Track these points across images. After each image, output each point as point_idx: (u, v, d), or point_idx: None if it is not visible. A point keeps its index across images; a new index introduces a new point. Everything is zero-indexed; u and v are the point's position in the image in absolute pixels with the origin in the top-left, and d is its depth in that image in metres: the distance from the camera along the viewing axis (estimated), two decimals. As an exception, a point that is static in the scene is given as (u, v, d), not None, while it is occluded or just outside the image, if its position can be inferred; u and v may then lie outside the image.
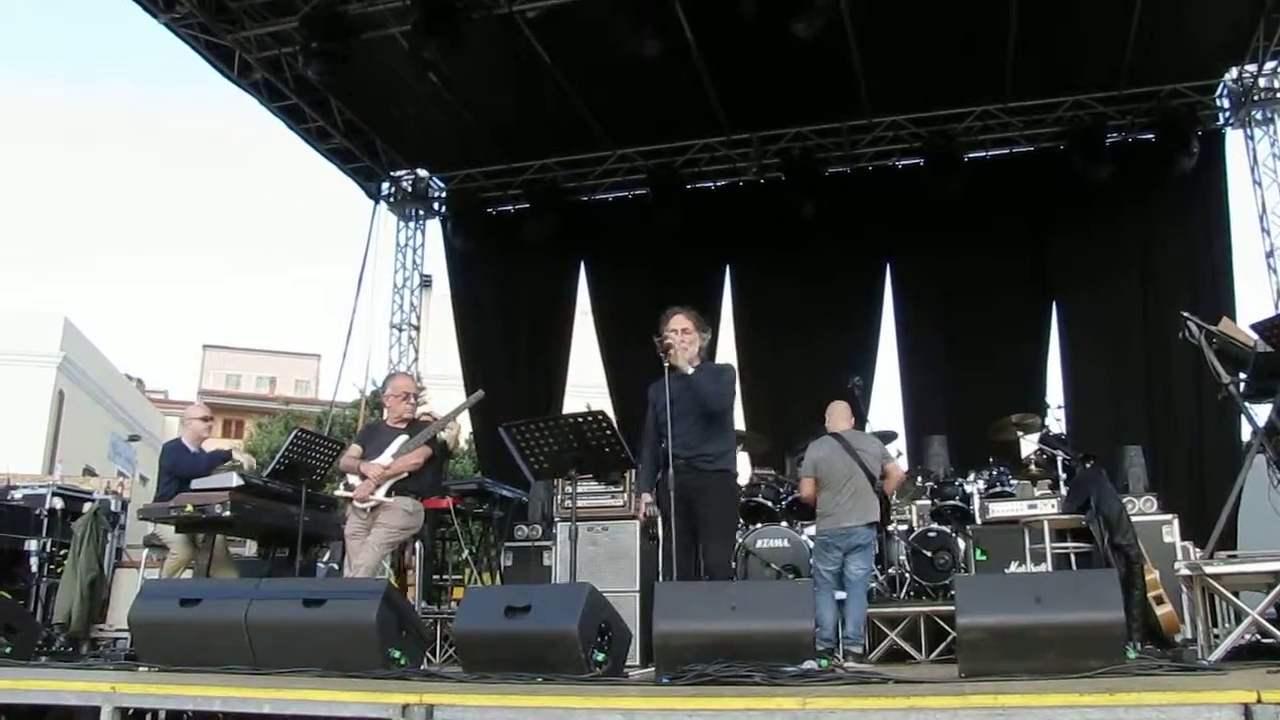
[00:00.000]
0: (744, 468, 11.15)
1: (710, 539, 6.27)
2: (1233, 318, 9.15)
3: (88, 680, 4.83)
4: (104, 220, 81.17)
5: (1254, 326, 6.45)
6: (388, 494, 7.18)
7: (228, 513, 7.23)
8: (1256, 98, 11.31)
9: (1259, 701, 3.32)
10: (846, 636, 7.22)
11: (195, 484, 7.59)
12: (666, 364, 6.31)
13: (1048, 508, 8.57)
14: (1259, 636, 5.72)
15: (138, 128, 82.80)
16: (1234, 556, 6.43)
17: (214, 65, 10.99)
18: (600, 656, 4.96)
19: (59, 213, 79.45)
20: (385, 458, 7.27)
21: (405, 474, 7.25)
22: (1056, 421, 10.07)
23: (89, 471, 14.73)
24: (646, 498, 6.55)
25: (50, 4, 76.21)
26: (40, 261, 75.90)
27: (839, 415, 7.91)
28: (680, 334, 6.46)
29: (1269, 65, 11.07)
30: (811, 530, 9.21)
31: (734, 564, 8.79)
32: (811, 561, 7.85)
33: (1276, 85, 11.29)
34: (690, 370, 6.39)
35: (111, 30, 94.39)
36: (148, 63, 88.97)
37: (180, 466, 8.16)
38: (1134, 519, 7.79)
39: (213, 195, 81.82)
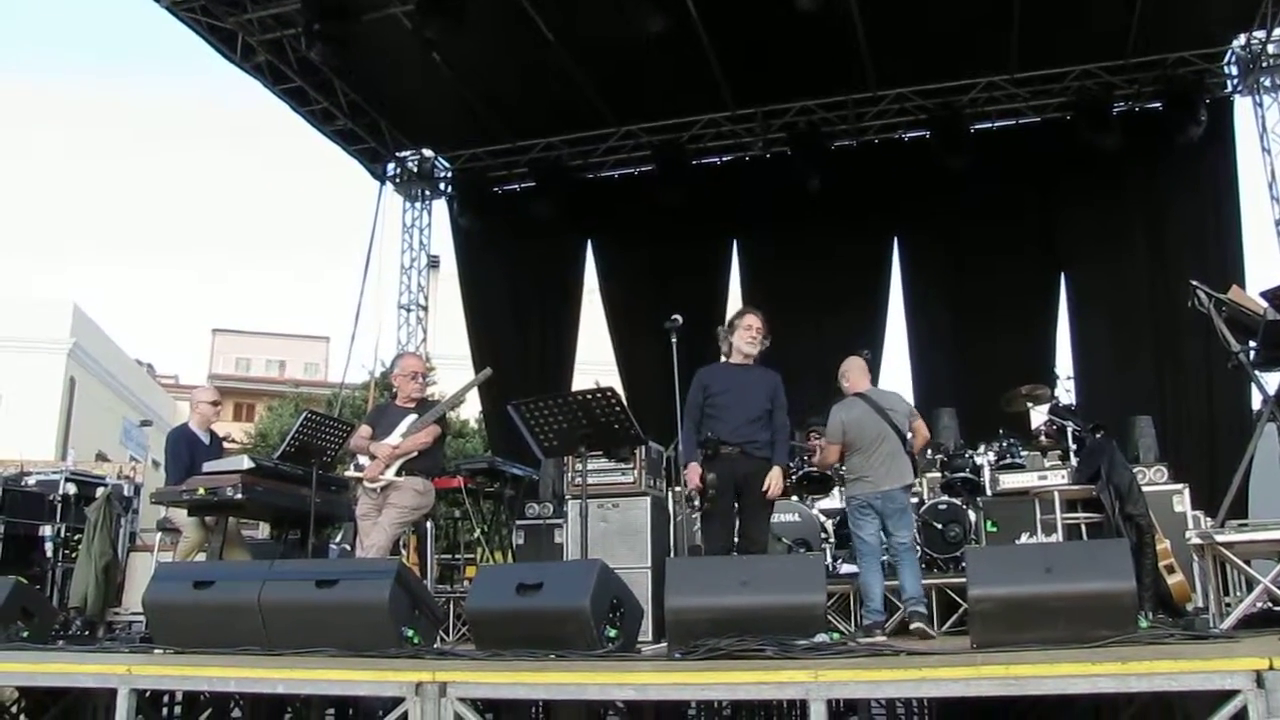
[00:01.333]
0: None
1: (753, 518, 6.77)
2: (1242, 285, 9.09)
3: (103, 663, 4.85)
4: (112, 206, 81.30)
5: (1264, 294, 6.40)
6: (398, 474, 7.19)
7: (239, 495, 7.23)
8: (1265, 64, 11.23)
9: (1270, 669, 3.32)
10: (910, 598, 6.90)
11: (206, 467, 7.60)
12: (724, 354, 7.07)
13: (1058, 479, 8.55)
14: (1270, 604, 5.72)
15: (145, 113, 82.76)
16: (1245, 525, 6.41)
17: (217, 48, 10.97)
18: (612, 633, 4.98)
19: (67, 199, 79.59)
20: (394, 437, 7.27)
21: (415, 453, 7.26)
22: (1066, 392, 10.09)
23: (101, 457, 14.84)
24: (695, 468, 6.74)
25: (52, -10, 76.06)
26: (49, 249, 76.09)
27: (858, 373, 7.53)
28: (753, 331, 6.99)
29: (1277, 31, 10.97)
30: (823, 504, 9.23)
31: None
32: (850, 530, 7.39)
33: (1285, 52, 11.21)
34: (749, 364, 6.99)
35: (115, 17, 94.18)
36: (152, 48, 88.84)
37: (180, 460, 8.16)
38: (1144, 489, 7.78)
39: (218, 179, 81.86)
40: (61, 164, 79.52)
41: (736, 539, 6.82)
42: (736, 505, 6.76)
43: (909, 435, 7.22)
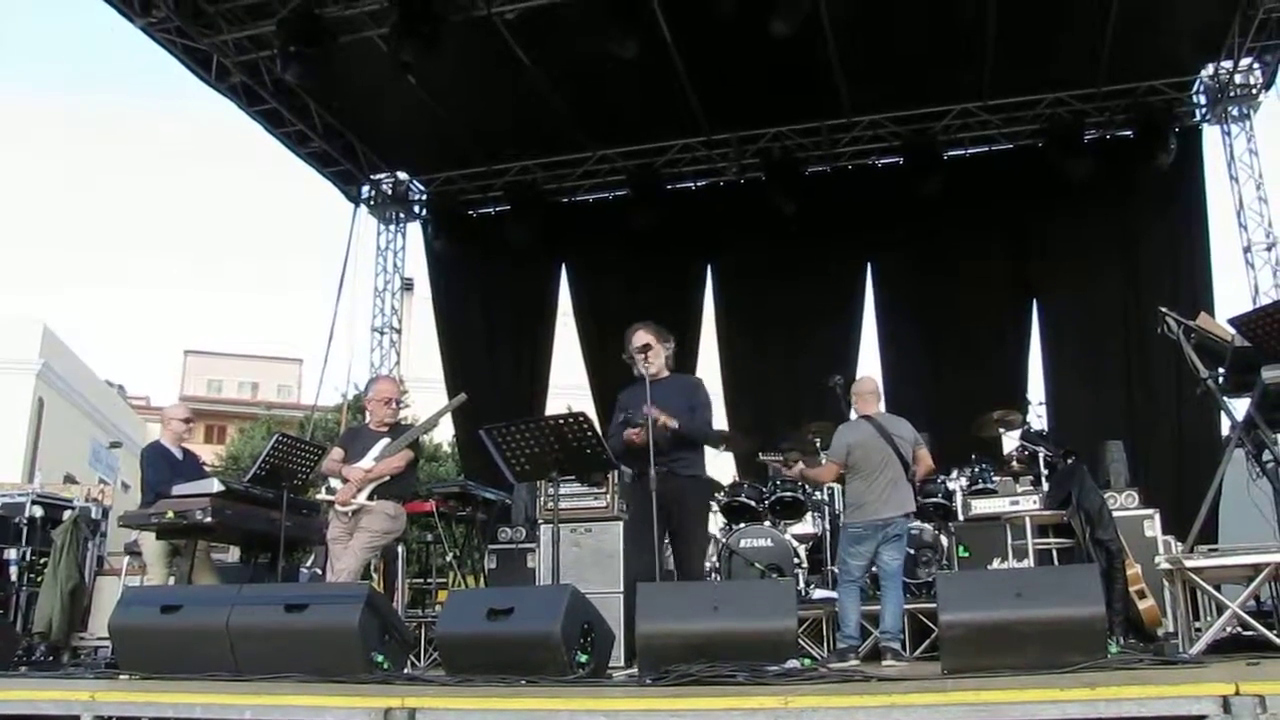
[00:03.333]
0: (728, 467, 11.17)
1: (687, 540, 6.83)
2: (1211, 313, 9.19)
3: (66, 689, 4.81)
4: (83, 226, 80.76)
5: (1231, 321, 6.47)
6: (369, 498, 7.15)
7: (209, 519, 7.16)
8: (1233, 94, 11.39)
9: (1237, 694, 3.34)
10: (885, 631, 6.95)
11: (176, 489, 7.53)
12: (636, 374, 6.97)
13: (1029, 504, 8.60)
14: (1239, 629, 5.75)
15: (115, 132, 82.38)
16: (1214, 550, 6.45)
17: (191, 69, 10.92)
18: (583, 658, 4.96)
19: (37, 219, 78.98)
20: (367, 461, 7.24)
21: (387, 477, 7.22)
22: (1038, 418, 10.13)
23: (69, 479, 14.63)
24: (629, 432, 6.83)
25: (21, 6, 75.80)
26: (18, 268, 75.38)
27: (869, 396, 7.60)
28: (643, 351, 6.94)
29: (1244, 61, 11.15)
30: (796, 529, 9.24)
31: (716, 560, 8.85)
32: (839, 552, 7.47)
33: (1252, 81, 11.37)
34: (663, 376, 7.03)
35: (88, 34, 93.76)
36: (125, 67, 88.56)
37: (160, 473, 8.07)
38: (1115, 514, 7.82)
39: (192, 200, 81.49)
40: (32, 182, 79.03)
41: (672, 566, 6.83)
42: (668, 531, 6.79)
43: (912, 463, 7.25)
